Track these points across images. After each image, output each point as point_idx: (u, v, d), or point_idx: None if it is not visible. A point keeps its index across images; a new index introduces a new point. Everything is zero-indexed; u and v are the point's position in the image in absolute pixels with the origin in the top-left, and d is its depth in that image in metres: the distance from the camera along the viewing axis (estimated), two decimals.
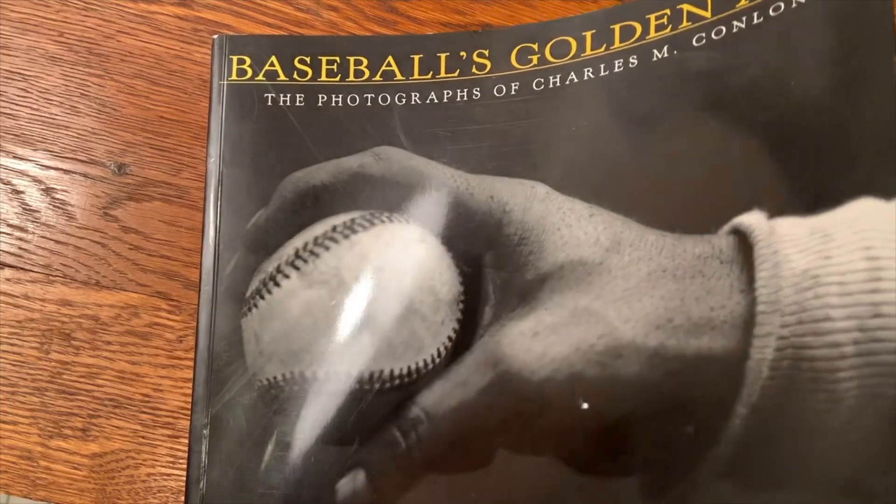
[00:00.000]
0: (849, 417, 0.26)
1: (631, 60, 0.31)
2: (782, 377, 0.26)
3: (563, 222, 0.30)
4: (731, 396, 0.27)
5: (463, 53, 0.34)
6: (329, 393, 0.30)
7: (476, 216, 0.31)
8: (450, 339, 0.30)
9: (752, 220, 0.28)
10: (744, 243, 0.28)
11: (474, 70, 0.33)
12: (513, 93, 0.33)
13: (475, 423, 0.29)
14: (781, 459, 0.26)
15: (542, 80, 0.32)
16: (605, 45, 0.32)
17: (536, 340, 0.29)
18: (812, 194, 0.27)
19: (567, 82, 0.32)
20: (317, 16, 0.39)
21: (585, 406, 0.28)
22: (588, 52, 0.32)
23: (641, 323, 0.28)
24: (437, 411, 0.29)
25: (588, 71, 0.32)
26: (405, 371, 0.30)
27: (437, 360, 0.30)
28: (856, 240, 0.26)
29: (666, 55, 0.31)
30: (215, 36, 0.35)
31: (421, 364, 0.30)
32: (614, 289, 0.29)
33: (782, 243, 0.27)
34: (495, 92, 0.33)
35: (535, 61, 0.33)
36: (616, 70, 0.32)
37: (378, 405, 0.30)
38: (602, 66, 0.32)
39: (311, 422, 0.30)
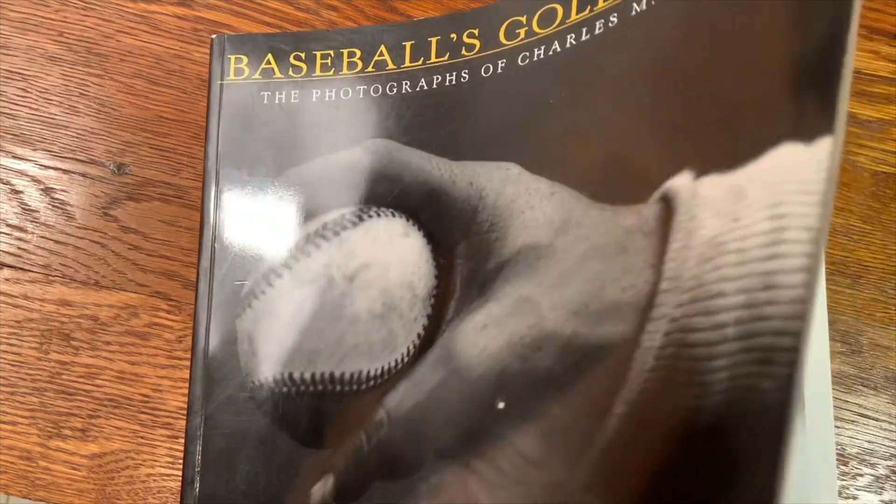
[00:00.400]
0: (713, 419, 0.22)
1: (611, 19, 0.30)
2: (664, 368, 0.23)
3: (527, 204, 0.29)
4: (613, 392, 0.24)
5: (453, 35, 0.33)
6: (313, 395, 0.30)
7: (456, 205, 0.30)
8: (419, 336, 0.30)
9: (679, 183, 0.25)
10: (668, 210, 0.25)
11: (464, 52, 0.33)
12: (499, 71, 0.32)
13: (422, 425, 0.28)
14: (636, 475, 0.23)
15: (528, 53, 0.32)
16: (588, 7, 0.31)
17: (482, 334, 0.27)
18: (735, 145, 0.24)
19: (550, 53, 0.31)
20: (317, 15, 0.39)
21: (501, 406, 0.26)
22: (573, 16, 0.31)
23: (563, 310, 0.26)
24: (396, 413, 0.28)
25: (570, 38, 0.31)
26: (379, 371, 0.29)
27: (406, 359, 0.29)
28: (766, 196, 0.22)
29: (644, 7, 0.29)
30: (213, 36, 0.35)
31: (393, 363, 0.29)
32: (552, 273, 0.27)
33: (700, 207, 0.24)
34: (482, 72, 0.32)
35: (522, 35, 0.32)
36: (597, 32, 0.30)
37: (354, 407, 0.29)
38: (584, 29, 0.31)
39: (295, 424, 0.30)
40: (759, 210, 0.22)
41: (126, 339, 0.35)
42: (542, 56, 0.31)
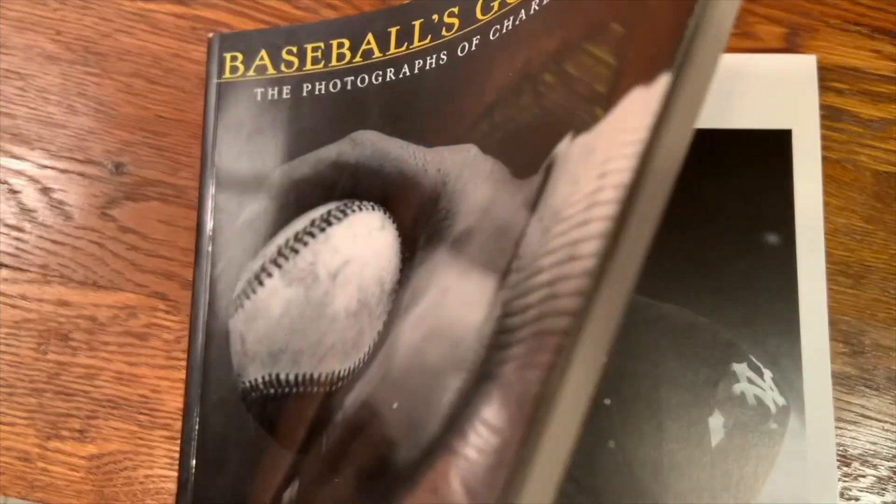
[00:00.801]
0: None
1: None
2: (483, 362, 0.21)
3: (473, 187, 0.27)
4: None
5: (435, 16, 0.33)
6: (295, 396, 0.30)
7: (425, 193, 0.29)
8: (378, 333, 0.29)
9: (560, 148, 0.22)
10: (545, 179, 0.23)
11: (444, 32, 0.33)
12: (473, 48, 0.32)
13: (366, 426, 0.26)
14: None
15: (498, 26, 0.31)
16: None
17: (413, 330, 0.26)
18: (600, 97, 0.21)
19: (517, 23, 0.30)
20: (316, 14, 0.38)
21: (395, 406, 0.25)
22: None
23: (461, 299, 0.24)
24: (347, 414, 0.27)
25: (534, 3, 0.30)
26: (346, 371, 0.29)
27: (366, 358, 0.29)
28: (604, 151, 0.19)
29: None
30: (210, 34, 0.35)
31: (357, 362, 0.29)
32: (465, 260, 0.25)
33: (560, 172, 0.21)
34: (459, 51, 0.32)
35: (496, 7, 0.31)
36: None
37: (326, 408, 0.29)
38: None
39: (278, 427, 0.30)
40: (594, 168, 0.19)
41: (124, 340, 0.35)
42: (510, 28, 0.31)
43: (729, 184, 0.33)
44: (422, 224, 0.30)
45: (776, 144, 0.34)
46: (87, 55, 0.38)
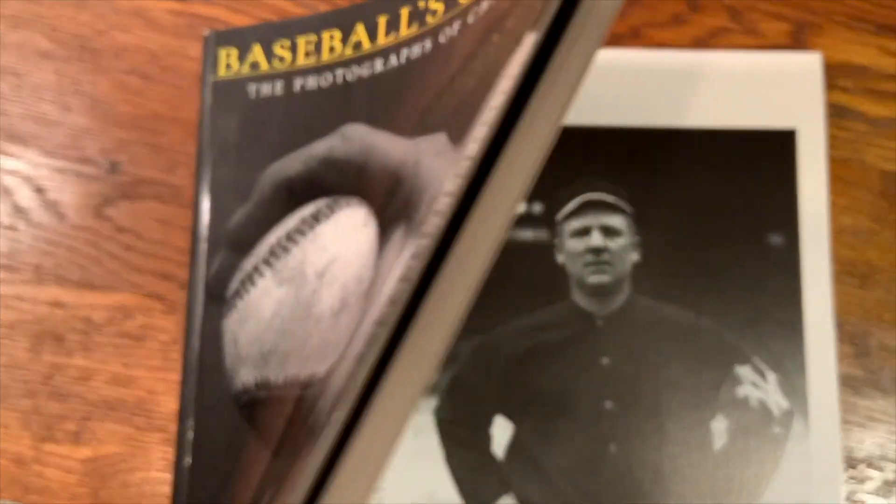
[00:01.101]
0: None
1: None
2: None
3: (436, 178, 0.26)
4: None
5: (422, 3, 0.32)
6: (282, 400, 0.29)
7: (403, 184, 0.29)
8: (351, 331, 0.29)
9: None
10: None
11: (428, 19, 0.32)
12: (455, 35, 0.31)
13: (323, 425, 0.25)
14: None
15: (477, 9, 0.30)
16: None
17: (370, 324, 0.26)
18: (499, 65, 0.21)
19: (493, 2, 0.29)
20: (314, 11, 0.38)
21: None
22: None
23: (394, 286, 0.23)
24: (320, 415, 0.26)
25: None
26: (324, 373, 0.28)
27: (340, 357, 0.28)
28: (479, 119, 0.19)
29: None
30: (206, 32, 0.35)
31: (333, 363, 0.28)
32: (413, 248, 0.24)
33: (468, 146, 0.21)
34: (441, 39, 0.31)
35: None
36: None
37: (302, 410, 0.28)
38: None
39: (266, 430, 0.29)
40: (468, 140, 0.18)
41: (120, 341, 0.35)
42: (487, 11, 0.30)
43: (733, 184, 0.33)
44: (396, 216, 0.29)
45: (781, 143, 0.33)
46: (82, 52, 0.37)
